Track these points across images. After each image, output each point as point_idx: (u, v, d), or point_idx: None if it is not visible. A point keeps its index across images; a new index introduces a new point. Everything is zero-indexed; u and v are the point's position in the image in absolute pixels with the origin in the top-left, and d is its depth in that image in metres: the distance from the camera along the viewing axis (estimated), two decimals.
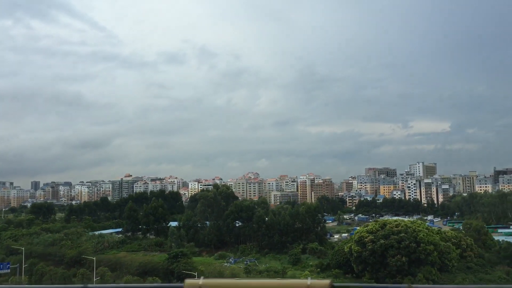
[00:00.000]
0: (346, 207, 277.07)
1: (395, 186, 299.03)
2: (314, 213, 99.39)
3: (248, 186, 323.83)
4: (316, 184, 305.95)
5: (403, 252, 61.78)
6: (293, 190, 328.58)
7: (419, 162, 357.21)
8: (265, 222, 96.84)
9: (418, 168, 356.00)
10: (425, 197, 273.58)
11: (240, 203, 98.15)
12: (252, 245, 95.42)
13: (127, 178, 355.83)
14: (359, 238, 65.67)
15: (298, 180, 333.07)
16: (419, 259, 61.76)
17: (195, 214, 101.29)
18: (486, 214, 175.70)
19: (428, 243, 61.75)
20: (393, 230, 64.30)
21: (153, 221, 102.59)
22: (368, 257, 63.70)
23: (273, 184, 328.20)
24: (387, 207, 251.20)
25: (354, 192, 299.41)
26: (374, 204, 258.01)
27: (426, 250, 61.25)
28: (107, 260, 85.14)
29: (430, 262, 61.41)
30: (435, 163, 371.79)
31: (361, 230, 67.77)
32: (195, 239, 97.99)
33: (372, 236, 64.44)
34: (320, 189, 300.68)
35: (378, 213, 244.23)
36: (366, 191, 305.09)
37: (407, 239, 62.14)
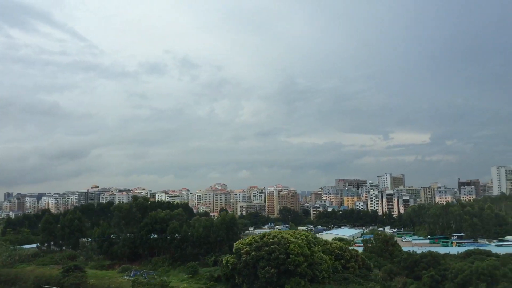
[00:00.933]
0: (309, 218, 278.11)
1: (358, 198, 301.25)
2: (230, 224, 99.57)
3: (214, 197, 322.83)
4: (281, 195, 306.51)
5: (273, 263, 62.30)
6: (261, 201, 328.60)
7: (387, 174, 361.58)
8: (179, 234, 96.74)
9: (386, 180, 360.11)
10: (387, 208, 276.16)
11: (155, 215, 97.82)
12: (165, 258, 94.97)
13: (94, 189, 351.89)
14: (236, 250, 66.12)
15: (266, 191, 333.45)
16: (288, 271, 62.31)
17: (110, 226, 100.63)
18: (431, 225, 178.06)
19: (298, 254, 62.41)
20: (267, 241, 64.92)
21: (68, 233, 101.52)
22: (242, 268, 64.07)
23: (240, 195, 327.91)
24: (346, 218, 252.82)
25: (318, 203, 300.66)
26: (334, 215, 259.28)
27: (295, 261, 61.87)
28: (6, 274, 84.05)
29: (300, 273, 61.98)
30: (403, 175, 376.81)
31: (240, 242, 68.21)
32: (109, 251, 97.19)
33: (248, 248, 64.92)
34: (285, 200, 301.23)
35: (336, 224, 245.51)
36: (331, 202, 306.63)
37: (277, 251, 62.74)
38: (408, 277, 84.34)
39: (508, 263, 79.42)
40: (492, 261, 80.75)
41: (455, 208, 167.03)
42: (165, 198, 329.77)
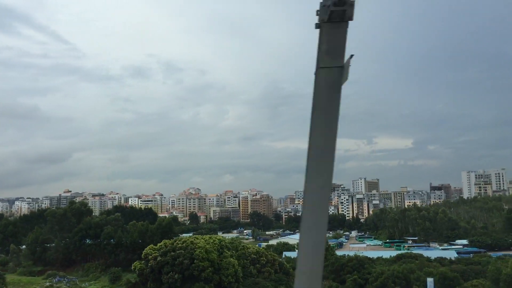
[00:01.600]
0: (280, 223, 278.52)
1: (330, 202, 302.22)
2: (166, 229, 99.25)
3: (188, 202, 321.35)
4: (253, 200, 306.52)
5: (177, 268, 62.28)
6: (234, 205, 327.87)
7: (361, 178, 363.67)
8: (113, 239, 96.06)
9: (361, 184, 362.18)
10: (357, 212, 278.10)
11: (90, 220, 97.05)
12: (98, 263, 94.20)
13: (66, 194, 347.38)
14: (145, 255, 65.95)
15: (240, 195, 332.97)
16: (193, 276, 62.33)
17: (43, 231, 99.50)
18: (390, 229, 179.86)
19: (203, 259, 62.51)
20: (175, 246, 64.90)
21: (2, 239, 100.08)
22: (149, 274, 63.90)
23: (214, 199, 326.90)
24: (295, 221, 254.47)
25: (291, 208, 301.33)
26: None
27: (200, 266, 61.95)
28: None
29: (204, 279, 62.06)
30: (377, 179, 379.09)
31: (150, 247, 68.07)
32: (42, 257, 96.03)
33: (156, 253, 64.79)
34: (258, 205, 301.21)
35: None
36: None
37: (182, 256, 62.75)
38: (335, 281, 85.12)
39: (425, 267, 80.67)
40: (409, 265, 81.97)
41: (412, 212, 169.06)
42: (138, 203, 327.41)
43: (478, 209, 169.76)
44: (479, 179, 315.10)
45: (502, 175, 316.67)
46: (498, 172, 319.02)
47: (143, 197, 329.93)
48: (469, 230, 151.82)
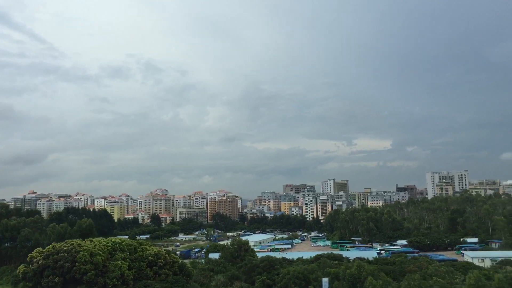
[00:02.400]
0: (243, 224, 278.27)
1: (296, 203, 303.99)
2: (86, 231, 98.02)
3: (154, 203, 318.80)
4: (218, 201, 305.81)
5: (58, 272, 61.36)
6: (202, 207, 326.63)
7: (330, 179, 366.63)
8: (30, 242, 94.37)
9: (330, 185, 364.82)
10: (321, 213, 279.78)
11: (6, 222, 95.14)
12: (14, 266, 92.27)
13: (31, 195, 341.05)
14: (30, 258, 64.85)
15: (208, 197, 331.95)
16: (75, 279, 61.49)
17: None
18: (342, 230, 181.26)
19: (86, 262, 61.72)
20: (59, 249, 63.95)
21: None
22: (31, 277, 62.79)
23: (181, 201, 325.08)
24: (277, 223, 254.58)
25: (256, 209, 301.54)
26: (265, 220, 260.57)
27: (82, 269, 61.12)
28: None
29: (86, 282, 61.25)
30: (347, 180, 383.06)
31: (37, 250, 66.93)
32: None
33: (40, 256, 63.73)
34: (223, 206, 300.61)
35: (267, 229, 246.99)
36: (269, 207, 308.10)
37: (64, 259, 61.86)
38: (247, 282, 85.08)
39: (327, 267, 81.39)
40: (312, 266, 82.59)
41: (360, 213, 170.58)
42: (104, 204, 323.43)
43: (425, 210, 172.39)
44: (442, 180, 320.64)
45: (465, 176, 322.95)
46: (461, 173, 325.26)
47: (109, 198, 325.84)
48: (412, 230, 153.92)
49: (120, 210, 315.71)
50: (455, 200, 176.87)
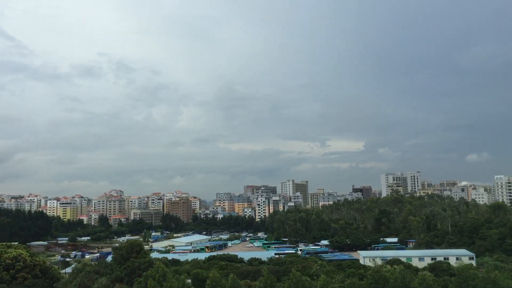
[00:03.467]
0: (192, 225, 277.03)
1: (249, 204, 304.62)
2: None
3: (108, 204, 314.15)
4: (172, 202, 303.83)
5: None
6: (158, 208, 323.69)
7: (289, 180, 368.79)
8: None
9: (289, 186, 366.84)
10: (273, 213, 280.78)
11: None
12: None
13: None
14: None
15: (164, 198, 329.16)
16: None
17: None
18: (278, 230, 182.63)
19: None
20: None
21: None
22: None
23: (135, 202, 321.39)
24: (225, 224, 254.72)
25: (209, 210, 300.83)
26: (213, 221, 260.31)
27: None
28: None
29: None
30: (306, 181, 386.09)
31: None
32: None
33: None
34: (177, 207, 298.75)
35: (215, 230, 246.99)
36: (223, 208, 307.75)
37: None
38: (128, 284, 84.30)
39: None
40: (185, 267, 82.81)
41: (292, 214, 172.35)
42: (57, 206, 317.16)
43: (355, 210, 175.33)
44: (396, 181, 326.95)
45: (417, 177, 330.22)
46: (414, 175, 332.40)
47: (62, 199, 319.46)
48: (338, 230, 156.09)
49: (72, 212, 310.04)
50: (384, 201, 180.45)
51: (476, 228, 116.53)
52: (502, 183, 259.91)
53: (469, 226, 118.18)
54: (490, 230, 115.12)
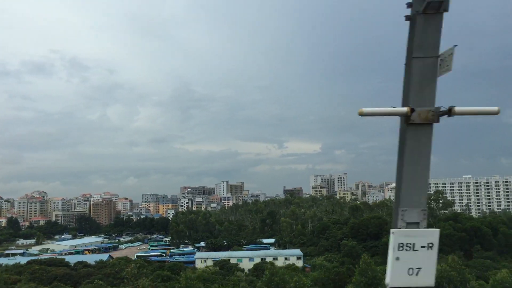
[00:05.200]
0: (113, 227, 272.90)
1: (174, 205, 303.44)
2: None
3: (29, 206, 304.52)
4: (94, 203, 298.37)
5: None
6: (84, 209, 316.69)
7: (224, 181, 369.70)
8: None
9: (223, 187, 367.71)
10: None
11: None
12: None
13: None
14: None
15: (91, 199, 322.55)
16: None
17: None
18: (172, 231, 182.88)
19: None
20: None
21: None
22: None
23: (59, 203, 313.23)
24: (140, 226, 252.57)
25: (133, 212, 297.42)
26: (128, 223, 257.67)
27: None
28: None
29: None
30: (242, 182, 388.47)
31: None
32: None
33: None
34: (99, 209, 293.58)
35: (126, 232, 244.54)
36: (148, 210, 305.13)
37: None
38: None
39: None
40: None
41: (184, 216, 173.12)
42: None
43: (248, 212, 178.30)
44: (324, 182, 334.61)
45: (344, 179, 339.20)
46: (341, 176, 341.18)
47: None
48: (222, 232, 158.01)
49: None
50: (277, 202, 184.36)
51: (324, 229, 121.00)
52: None
53: (318, 227, 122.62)
54: (339, 231, 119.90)
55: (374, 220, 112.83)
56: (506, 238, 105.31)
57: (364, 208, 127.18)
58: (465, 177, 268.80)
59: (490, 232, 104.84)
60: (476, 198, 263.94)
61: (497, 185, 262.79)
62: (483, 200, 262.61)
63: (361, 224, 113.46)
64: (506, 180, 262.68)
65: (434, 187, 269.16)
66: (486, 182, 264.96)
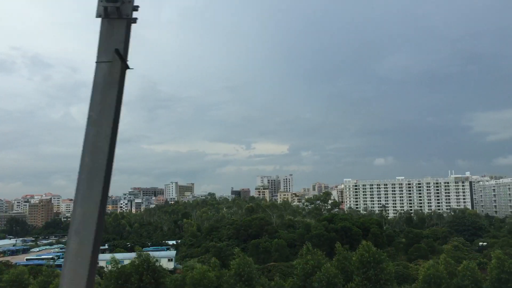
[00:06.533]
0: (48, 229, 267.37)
1: (114, 206, 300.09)
2: None
3: None
4: (32, 205, 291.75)
5: None
6: (24, 211, 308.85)
7: (173, 182, 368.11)
8: None
9: (172, 188, 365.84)
10: None
11: None
12: None
13: None
14: None
15: (31, 200, 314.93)
16: None
17: None
18: None
19: None
20: None
21: None
22: None
23: None
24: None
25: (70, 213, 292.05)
26: (60, 225, 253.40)
27: None
28: None
29: None
30: (192, 183, 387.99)
31: None
32: None
33: None
34: (36, 210, 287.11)
35: (55, 234, 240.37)
36: None
37: None
38: None
39: None
40: None
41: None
42: None
43: (163, 213, 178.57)
44: (269, 183, 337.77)
45: (289, 180, 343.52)
46: (287, 177, 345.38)
47: None
48: (131, 233, 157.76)
49: None
50: (189, 204, 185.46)
51: (212, 230, 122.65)
52: (350, 186, 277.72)
53: (206, 228, 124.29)
54: (226, 232, 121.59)
55: (256, 221, 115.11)
56: (375, 237, 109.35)
57: (256, 209, 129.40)
58: (398, 179, 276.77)
59: (360, 232, 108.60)
60: (409, 198, 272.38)
61: (428, 186, 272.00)
62: (415, 200, 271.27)
63: (243, 225, 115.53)
64: (437, 182, 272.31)
65: (369, 188, 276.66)
66: (418, 183, 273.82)
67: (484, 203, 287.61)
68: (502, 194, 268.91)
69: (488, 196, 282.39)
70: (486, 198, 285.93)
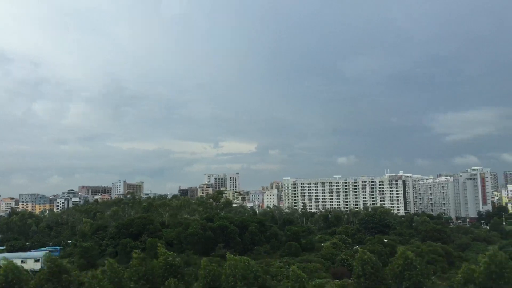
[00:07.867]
0: None
1: (51, 205, 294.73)
2: None
3: None
4: None
5: None
6: None
7: (121, 181, 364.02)
8: None
9: (120, 186, 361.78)
10: None
11: None
12: None
13: None
14: None
15: None
16: None
17: None
18: None
19: None
20: None
21: None
22: None
23: None
24: None
25: (5, 213, 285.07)
26: None
27: None
28: None
29: None
30: (142, 182, 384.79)
31: None
32: None
33: None
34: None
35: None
36: (26, 210, 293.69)
37: None
38: None
39: None
40: None
41: (15, 217, 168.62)
42: None
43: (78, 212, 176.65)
44: (216, 182, 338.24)
45: (236, 179, 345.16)
46: (233, 176, 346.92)
47: None
48: (37, 233, 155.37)
49: None
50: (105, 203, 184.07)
51: (99, 229, 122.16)
52: (289, 184, 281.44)
53: (94, 227, 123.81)
54: (113, 231, 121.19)
55: (138, 220, 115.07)
56: (252, 236, 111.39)
57: (148, 207, 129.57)
58: (335, 177, 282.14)
59: (237, 230, 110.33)
60: (345, 196, 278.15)
61: (364, 185, 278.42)
62: (351, 198, 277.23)
63: (125, 224, 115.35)
64: (372, 180, 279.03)
65: (307, 187, 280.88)
66: (354, 182, 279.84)
67: (422, 201, 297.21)
68: (437, 192, 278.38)
69: (425, 194, 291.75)
70: (424, 196, 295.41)
